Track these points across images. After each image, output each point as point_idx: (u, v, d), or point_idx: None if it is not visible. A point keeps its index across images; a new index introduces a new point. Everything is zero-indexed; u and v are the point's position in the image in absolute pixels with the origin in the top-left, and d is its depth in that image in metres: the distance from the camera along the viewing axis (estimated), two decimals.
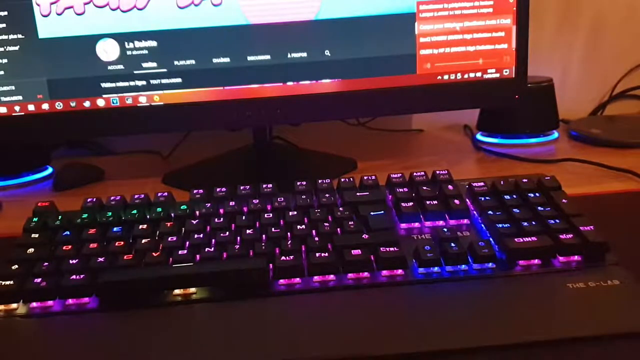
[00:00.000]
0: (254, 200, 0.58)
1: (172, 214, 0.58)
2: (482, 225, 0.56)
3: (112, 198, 0.61)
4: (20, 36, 0.72)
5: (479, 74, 0.76)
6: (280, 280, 0.49)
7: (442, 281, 0.49)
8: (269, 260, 0.50)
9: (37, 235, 0.56)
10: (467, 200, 0.59)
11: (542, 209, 0.55)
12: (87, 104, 0.74)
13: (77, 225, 0.57)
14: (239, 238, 0.54)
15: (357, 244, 0.51)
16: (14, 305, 0.49)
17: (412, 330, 0.44)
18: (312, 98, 0.75)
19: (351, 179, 0.62)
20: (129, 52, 0.73)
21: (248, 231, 0.54)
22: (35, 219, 0.58)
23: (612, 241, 0.51)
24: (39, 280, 0.49)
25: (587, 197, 0.66)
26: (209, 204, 0.59)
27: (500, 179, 0.60)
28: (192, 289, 0.49)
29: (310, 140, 0.93)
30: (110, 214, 0.58)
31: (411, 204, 0.57)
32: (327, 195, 0.59)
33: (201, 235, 0.54)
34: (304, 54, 0.74)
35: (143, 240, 0.54)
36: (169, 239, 0.54)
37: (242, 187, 0.61)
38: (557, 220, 0.53)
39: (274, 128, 0.90)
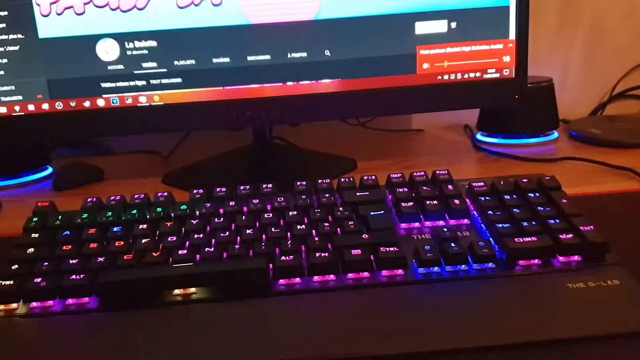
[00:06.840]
0: (254, 200, 0.58)
1: (172, 214, 0.58)
2: (482, 225, 0.56)
3: (112, 198, 0.61)
4: (20, 36, 0.72)
5: (478, 74, 0.76)
6: (280, 280, 0.49)
7: (442, 281, 0.49)
8: (269, 260, 0.50)
9: (37, 235, 0.56)
10: (467, 200, 0.59)
11: (542, 209, 0.55)
12: (87, 104, 0.74)
13: (77, 225, 0.57)
14: (239, 238, 0.54)
15: (357, 244, 0.51)
16: (14, 305, 0.49)
17: (412, 330, 0.44)
18: (312, 98, 0.75)
19: (351, 179, 0.62)
20: (129, 52, 0.73)
21: (248, 231, 0.54)
22: (35, 219, 0.58)
23: (612, 241, 0.51)
24: (39, 280, 0.49)
25: (587, 197, 0.66)
26: (209, 204, 0.59)
27: (500, 179, 0.60)
28: (192, 289, 0.49)
29: (310, 140, 0.93)
30: (110, 214, 0.58)
31: (411, 204, 0.57)
32: (327, 195, 0.59)
33: (201, 235, 0.54)
34: (304, 54, 0.74)
35: (143, 240, 0.54)
36: (169, 239, 0.54)
37: (242, 187, 0.61)
38: (557, 220, 0.53)
39: (274, 128, 0.90)
